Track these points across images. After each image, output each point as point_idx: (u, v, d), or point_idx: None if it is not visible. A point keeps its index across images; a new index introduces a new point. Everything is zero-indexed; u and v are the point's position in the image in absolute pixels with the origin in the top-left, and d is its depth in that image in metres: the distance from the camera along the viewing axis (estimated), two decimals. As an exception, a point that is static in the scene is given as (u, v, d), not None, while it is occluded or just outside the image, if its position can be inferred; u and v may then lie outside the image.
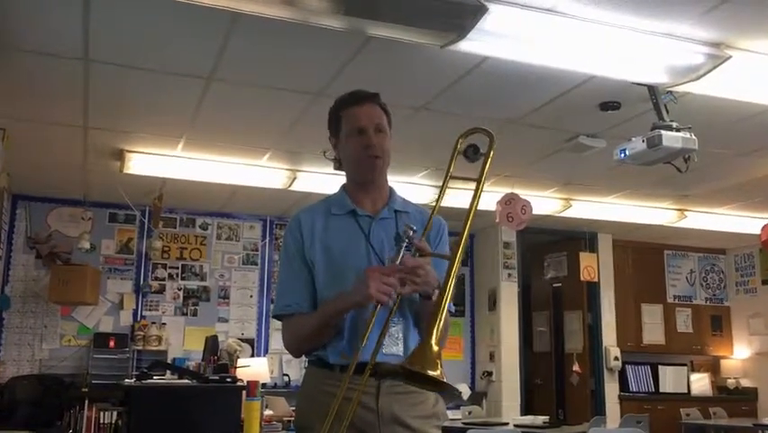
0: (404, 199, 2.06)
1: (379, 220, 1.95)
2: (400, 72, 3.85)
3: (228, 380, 4.43)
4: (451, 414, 6.37)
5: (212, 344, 5.04)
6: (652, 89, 3.83)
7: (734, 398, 8.52)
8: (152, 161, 5.41)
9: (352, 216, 1.95)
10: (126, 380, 5.27)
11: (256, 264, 7.49)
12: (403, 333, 1.88)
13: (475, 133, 1.90)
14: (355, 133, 1.93)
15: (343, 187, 2.04)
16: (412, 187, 5.86)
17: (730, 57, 3.33)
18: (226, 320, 7.24)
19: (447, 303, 1.69)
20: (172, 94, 4.23)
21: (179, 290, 7.16)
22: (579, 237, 8.00)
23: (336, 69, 3.81)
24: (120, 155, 5.32)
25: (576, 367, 8.00)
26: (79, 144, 5.19)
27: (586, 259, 7.73)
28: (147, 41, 3.55)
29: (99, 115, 4.62)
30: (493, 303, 7.79)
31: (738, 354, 8.88)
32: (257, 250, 7.52)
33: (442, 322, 1.66)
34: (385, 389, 1.82)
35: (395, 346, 1.86)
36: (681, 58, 3.36)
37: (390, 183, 2.06)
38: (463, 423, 5.54)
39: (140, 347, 6.71)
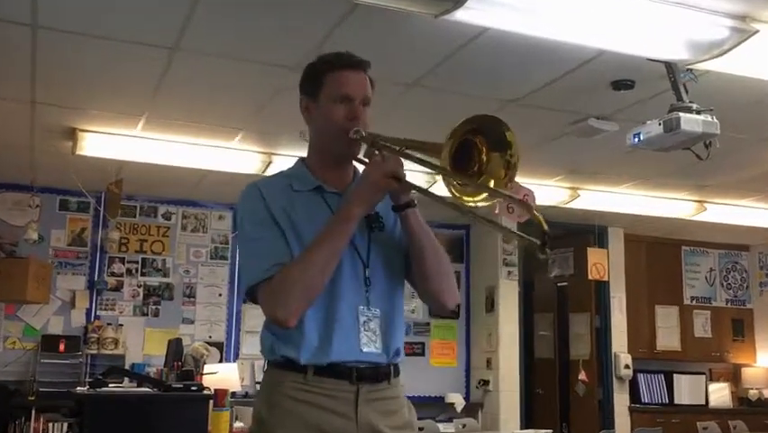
0: None
1: None
2: (390, 45, 3.84)
3: (193, 388, 4.44)
4: (442, 427, 6.42)
5: (175, 347, 5.04)
6: (670, 67, 3.85)
7: (756, 410, 8.59)
8: (109, 142, 5.38)
9: (317, 193, 1.92)
10: (78, 387, 5.26)
11: (226, 259, 7.48)
12: (380, 328, 1.86)
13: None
14: (339, 99, 1.89)
15: (303, 160, 2.00)
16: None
17: (757, 31, 3.34)
18: (192, 321, 7.24)
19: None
20: (132, 66, 4.21)
21: (139, 287, 7.15)
22: (587, 231, 8.04)
23: (317, 40, 3.79)
24: (72, 135, 5.30)
25: (582, 375, 8.05)
26: (26, 122, 5.15)
27: (595, 255, 7.77)
28: (104, 5, 3.52)
29: (49, 89, 4.59)
30: (491, 304, 7.82)
31: (762, 362, 8.98)
32: (227, 243, 7.50)
33: None
34: (363, 395, 1.82)
35: (372, 344, 1.84)
36: (702, 32, 3.37)
37: None
38: (457, 437, 5.57)
39: (94, 351, 6.68)
